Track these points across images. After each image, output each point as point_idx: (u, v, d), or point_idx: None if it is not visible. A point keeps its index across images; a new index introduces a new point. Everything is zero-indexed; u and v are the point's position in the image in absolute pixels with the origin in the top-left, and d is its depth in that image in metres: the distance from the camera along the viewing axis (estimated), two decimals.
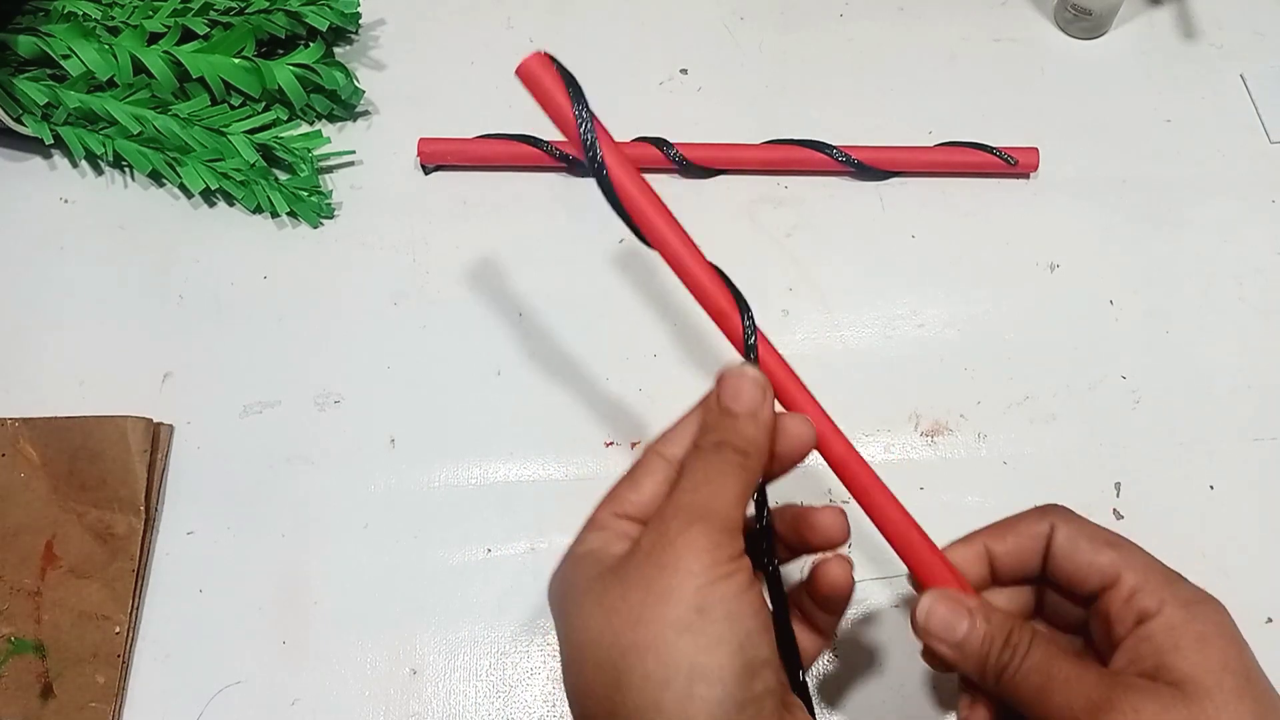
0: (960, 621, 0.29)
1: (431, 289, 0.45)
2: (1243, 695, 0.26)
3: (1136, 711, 0.25)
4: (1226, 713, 0.25)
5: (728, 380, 0.29)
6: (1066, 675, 0.27)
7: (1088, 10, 0.49)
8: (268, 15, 0.45)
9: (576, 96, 0.29)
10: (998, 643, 0.28)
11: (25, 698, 0.37)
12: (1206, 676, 0.26)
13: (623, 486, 0.29)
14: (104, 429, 0.40)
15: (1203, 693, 0.26)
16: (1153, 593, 0.28)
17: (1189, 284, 0.44)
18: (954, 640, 0.29)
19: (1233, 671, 0.26)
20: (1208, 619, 0.27)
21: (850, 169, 0.46)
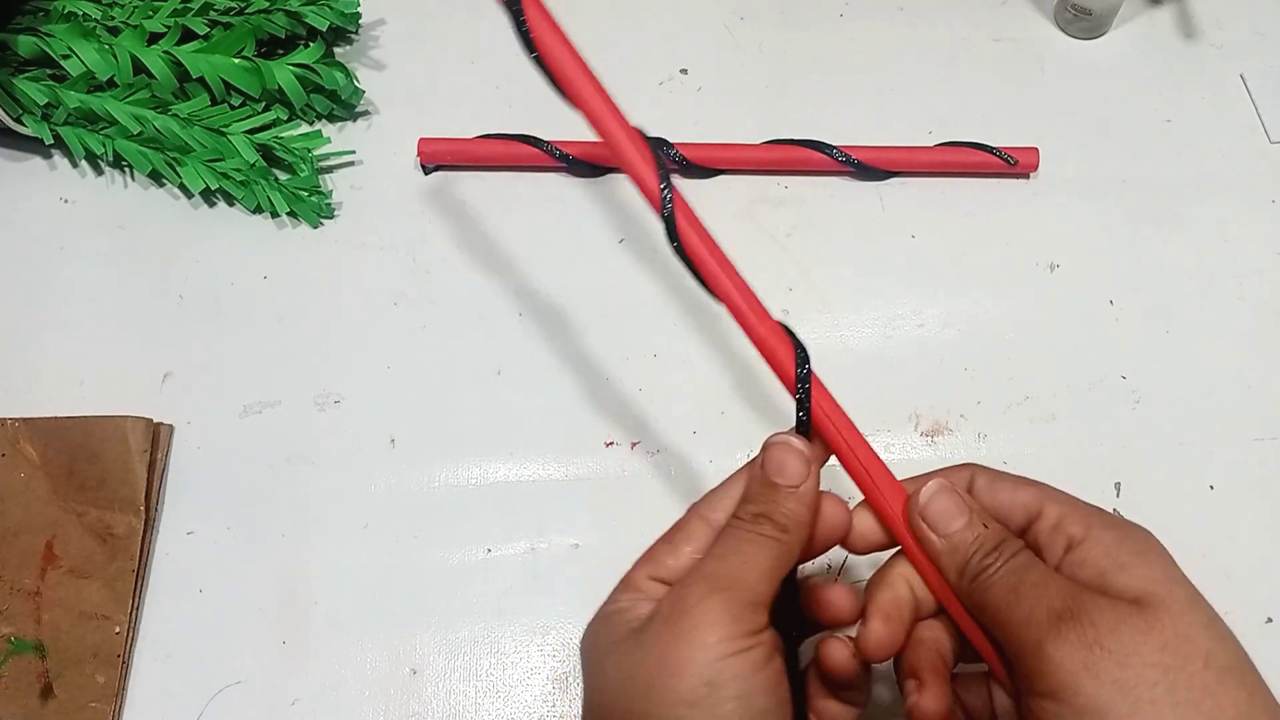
0: (958, 517, 0.28)
1: (431, 289, 0.45)
2: (1193, 605, 0.26)
3: (1094, 623, 0.25)
4: (1182, 621, 0.25)
5: (773, 451, 0.28)
6: (1035, 580, 0.26)
7: (1088, 10, 0.49)
8: (268, 15, 0.45)
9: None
10: (988, 545, 0.28)
11: (25, 698, 0.37)
12: (1157, 587, 0.26)
13: (660, 548, 0.29)
14: (104, 429, 0.40)
15: (1157, 603, 0.25)
16: (1077, 520, 0.28)
17: (1189, 284, 0.44)
18: (946, 531, 0.28)
19: (1179, 583, 0.26)
20: (1140, 538, 0.27)
21: (850, 169, 0.46)
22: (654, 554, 0.29)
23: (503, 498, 0.41)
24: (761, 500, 0.28)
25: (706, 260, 0.29)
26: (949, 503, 0.28)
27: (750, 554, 0.27)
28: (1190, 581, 0.27)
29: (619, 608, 0.28)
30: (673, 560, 0.28)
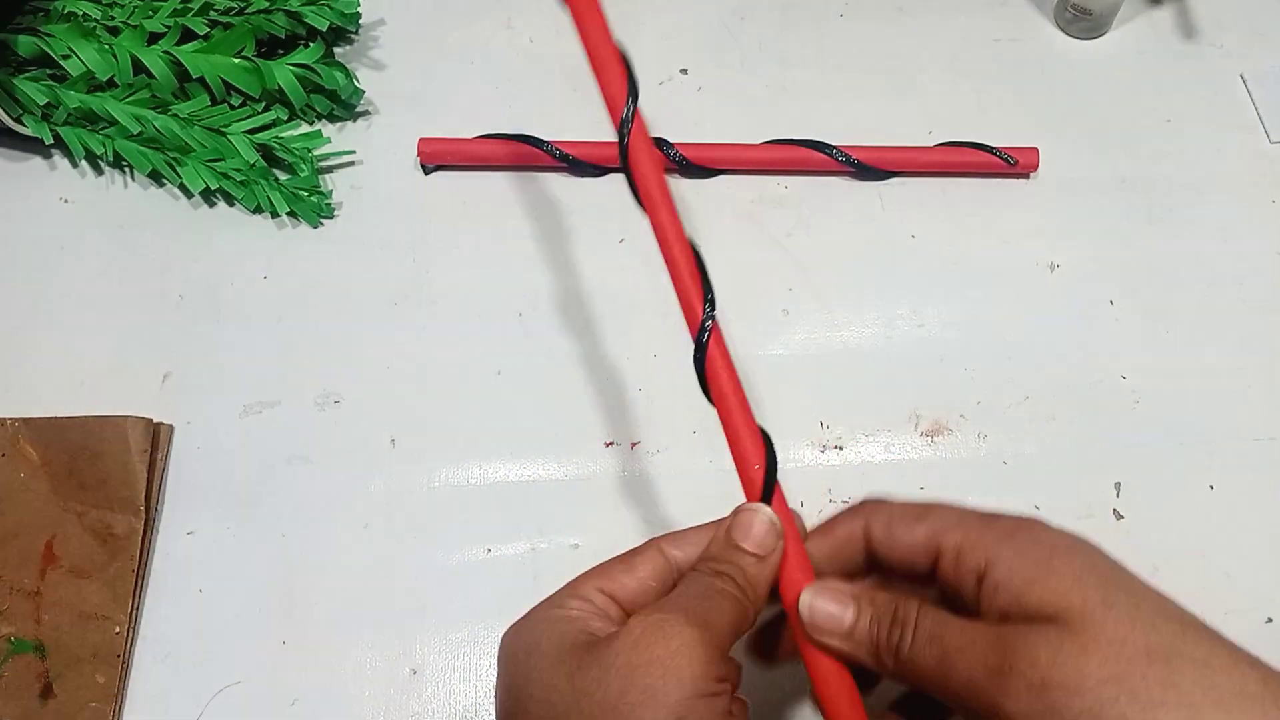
0: (845, 610, 0.28)
1: (431, 289, 0.45)
2: (1109, 603, 0.25)
3: (1034, 664, 0.25)
4: (1108, 625, 0.25)
5: (742, 515, 0.28)
6: (959, 643, 0.26)
7: (1088, 10, 0.49)
8: (268, 15, 0.45)
9: None
10: (885, 622, 0.27)
11: (25, 698, 0.37)
12: (1069, 599, 0.25)
13: (615, 565, 0.28)
14: (104, 429, 0.40)
15: (1076, 616, 0.25)
16: (974, 546, 0.27)
17: (1189, 284, 0.44)
18: (843, 630, 0.28)
19: (1088, 584, 0.26)
20: (1036, 542, 0.27)
21: (850, 169, 0.46)
22: (608, 569, 0.28)
23: (503, 498, 0.41)
24: (724, 559, 0.28)
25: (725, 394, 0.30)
26: (829, 602, 0.28)
27: (720, 603, 0.26)
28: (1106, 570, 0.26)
29: (568, 614, 0.27)
30: (628, 579, 0.28)
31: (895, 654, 0.27)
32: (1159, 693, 0.24)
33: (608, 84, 0.30)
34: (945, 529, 0.28)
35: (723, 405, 0.30)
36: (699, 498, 0.40)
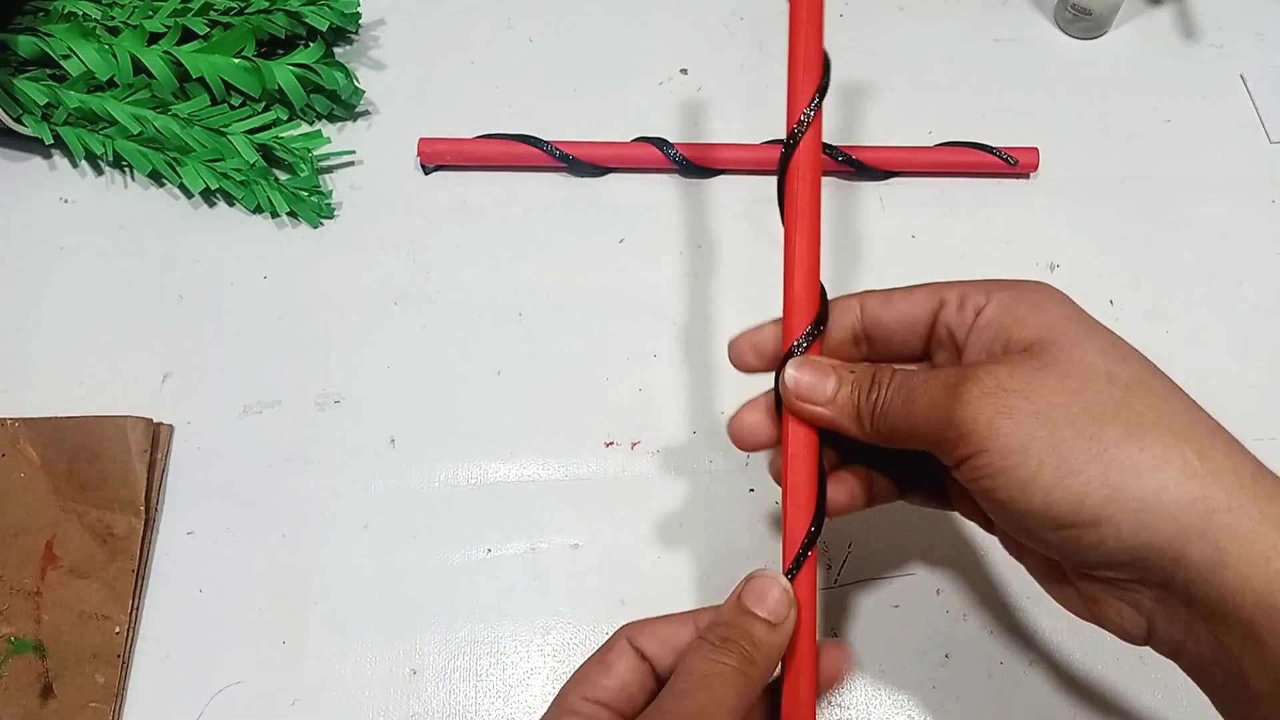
0: (827, 380, 0.28)
1: (431, 289, 0.45)
2: (1088, 336, 0.26)
3: (991, 374, 0.25)
4: (1077, 350, 0.25)
5: (756, 581, 0.28)
6: (923, 379, 0.27)
7: (1088, 10, 0.49)
8: (268, 15, 0.45)
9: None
10: (864, 386, 0.28)
11: (25, 698, 0.37)
12: (1050, 331, 0.26)
13: (591, 668, 0.28)
14: (104, 429, 0.40)
15: (1049, 344, 0.26)
16: (978, 290, 0.28)
17: (1189, 284, 0.44)
18: (826, 398, 0.28)
19: (1074, 320, 0.26)
20: (1038, 290, 0.27)
21: (850, 169, 0.46)
22: (585, 675, 0.28)
23: (503, 498, 0.41)
24: (733, 626, 0.27)
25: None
26: (811, 374, 0.28)
27: (718, 688, 0.26)
28: (1089, 319, 0.27)
29: None
30: (606, 680, 0.28)
31: (872, 412, 0.27)
32: (1111, 408, 0.24)
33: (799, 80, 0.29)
34: (947, 286, 0.29)
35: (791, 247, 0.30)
36: (699, 498, 0.41)
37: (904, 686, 0.37)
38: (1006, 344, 0.27)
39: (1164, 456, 0.24)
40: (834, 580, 0.39)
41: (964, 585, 0.39)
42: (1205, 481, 0.24)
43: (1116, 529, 0.24)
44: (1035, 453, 0.24)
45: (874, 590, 0.39)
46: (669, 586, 0.39)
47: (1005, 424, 0.24)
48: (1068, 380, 0.25)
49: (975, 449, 0.25)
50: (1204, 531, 0.23)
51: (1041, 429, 0.24)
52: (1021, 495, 0.24)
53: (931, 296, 0.29)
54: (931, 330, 0.29)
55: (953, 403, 0.25)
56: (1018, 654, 0.38)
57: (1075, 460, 0.24)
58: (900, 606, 0.39)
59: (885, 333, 0.30)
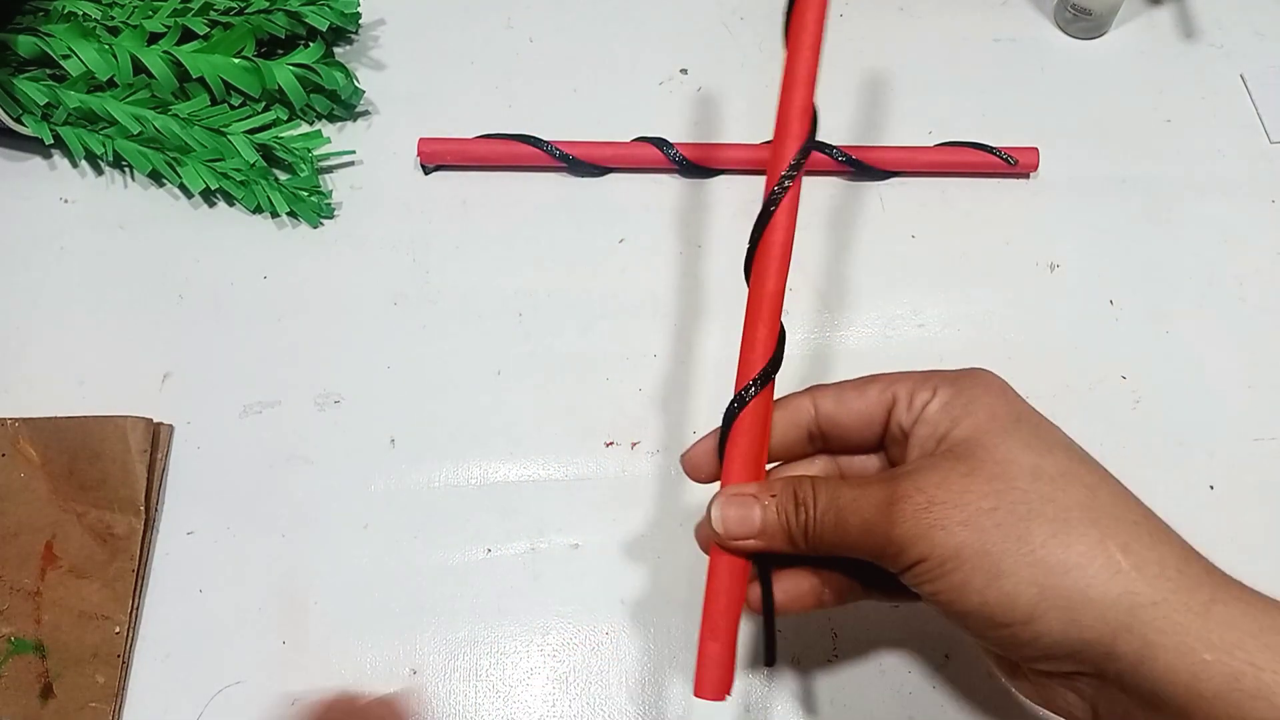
0: (752, 510, 0.28)
1: (431, 289, 0.45)
2: (1011, 432, 0.26)
3: (920, 490, 0.26)
4: (1000, 450, 0.26)
5: None
6: (852, 496, 0.27)
7: (1088, 10, 0.49)
8: (268, 15, 0.45)
9: None
10: (790, 508, 0.28)
11: (25, 698, 0.37)
12: (977, 431, 0.27)
13: None
14: (104, 429, 0.40)
15: (975, 445, 0.26)
16: (925, 384, 0.28)
17: (1189, 284, 0.44)
18: (755, 529, 0.28)
19: (1001, 415, 0.27)
20: (976, 383, 0.28)
21: (850, 169, 0.46)
22: None
23: (503, 498, 0.41)
24: None
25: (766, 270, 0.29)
26: (736, 508, 0.29)
27: None
28: (1018, 409, 0.27)
29: None
30: None
31: (805, 533, 0.28)
32: (1037, 505, 0.25)
33: (787, 134, 0.29)
34: (898, 379, 0.29)
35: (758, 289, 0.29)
36: (699, 498, 0.40)
37: (904, 686, 0.37)
38: (940, 441, 0.27)
39: (1088, 554, 0.24)
40: None
41: None
42: (1129, 577, 0.24)
43: (1048, 626, 0.25)
44: (967, 558, 0.25)
45: None
46: (669, 586, 0.39)
47: (938, 535, 0.25)
48: (993, 483, 0.26)
49: (913, 562, 0.26)
50: (1130, 626, 0.24)
51: (972, 536, 0.25)
52: (959, 598, 0.25)
53: (884, 393, 0.29)
54: (886, 427, 0.29)
55: (887, 523, 0.26)
56: None
57: (1004, 562, 0.25)
58: (900, 606, 0.39)
59: (841, 431, 0.30)
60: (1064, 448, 0.27)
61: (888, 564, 0.27)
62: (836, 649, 0.38)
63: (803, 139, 0.29)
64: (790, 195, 0.29)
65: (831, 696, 0.37)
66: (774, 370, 0.29)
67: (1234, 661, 0.23)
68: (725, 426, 0.30)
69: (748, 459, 0.29)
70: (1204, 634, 0.24)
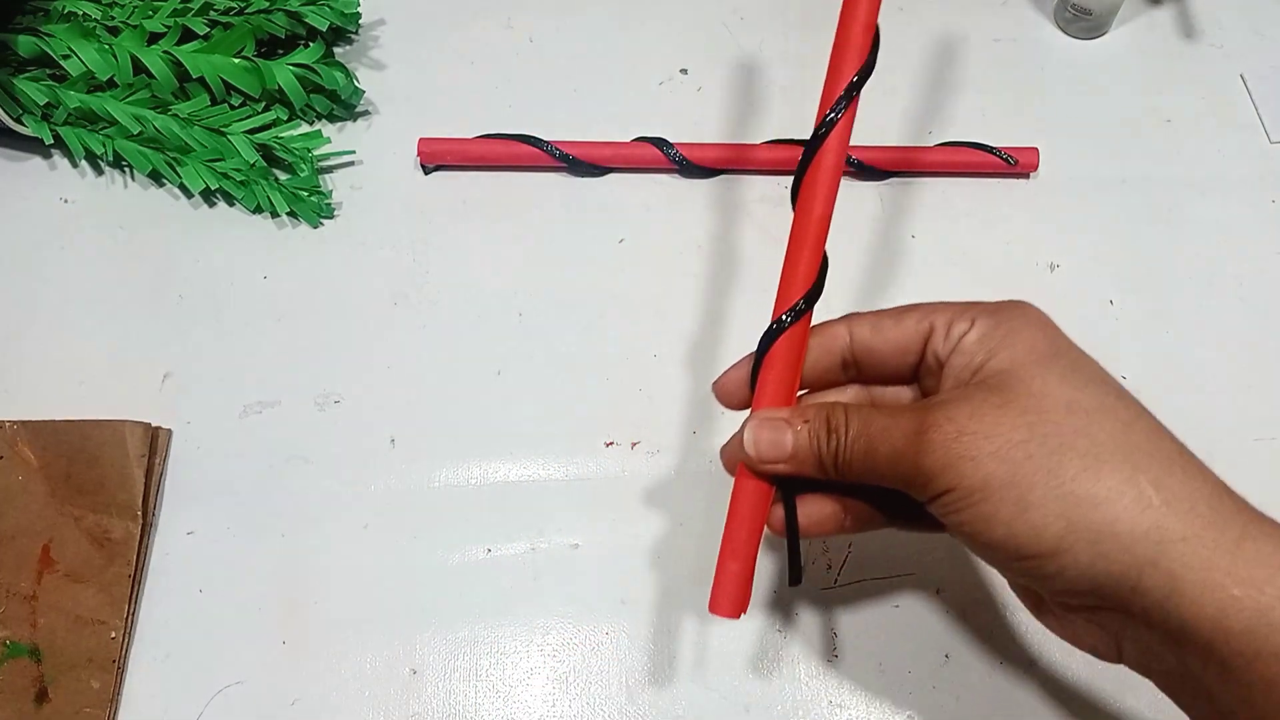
0: (783, 435, 0.28)
1: (431, 289, 0.45)
2: (1048, 365, 0.26)
3: (951, 419, 0.26)
4: (1036, 382, 0.26)
5: None
6: (883, 424, 0.27)
7: (1088, 10, 0.49)
8: (268, 15, 0.45)
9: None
10: (822, 434, 0.28)
11: (20, 702, 0.37)
12: (1014, 363, 0.26)
13: None
14: (102, 433, 0.40)
15: (1012, 377, 0.26)
16: (964, 315, 0.28)
17: (1189, 284, 0.44)
18: (786, 453, 0.28)
19: (1040, 347, 0.27)
20: (1016, 315, 0.28)
21: (850, 169, 0.46)
22: None
23: (503, 498, 0.41)
24: None
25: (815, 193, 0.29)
26: (769, 433, 0.29)
27: None
28: (1057, 343, 0.27)
29: None
30: None
31: (835, 460, 0.28)
32: (1070, 439, 0.25)
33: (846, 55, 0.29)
34: (936, 309, 0.29)
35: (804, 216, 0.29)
36: (699, 498, 0.40)
37: (904, 686, 0.37)
38: (975, 372, 0.27)
39: (1119, 488, 0.24)
40: (834, 580, 0.39)
41: (964, 585, 0.39)
42: (1160, 512, 0.24)
43: (1075, 559, 0.25)
44: (995, 489, 0.25)
45: (874, 590, 0.39)
46: (669, 586, 0.39)
47: (967, 466, 0.25)
48: (1026, 416, 0.25)
49: (941, 492, 0.26)
50: (1157, 561, 0.24)
51: (1000, 467, 0.25)
52: (985, 529, 0.25)
53: (921, 322, 0.29)
54: (921, 357, 0.29)
55: (917, 452, 0.26)
56: (1018, 654, 0.38)
57: (1033, 494, 0.25)
58: (900, 606, 0.39)
59: (875, 359, 0.30)
60: (1101, 382, 0.26)
61: (915, 493, 0.27)
62: (836, 649, 0.38)
63: (862, 60, 0.29)
64: (844, 121, 0.28)
65: (831, 697, 0.37)
66: (815, 298, 0.29)
67: (1263, 596, 0.23)
68: (760, 352, 0.29)
69: (780, 385, 0.29)
70: (1233, 569, 0.23)
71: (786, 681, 0.38)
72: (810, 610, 0.39)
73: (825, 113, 0.28)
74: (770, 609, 0.39)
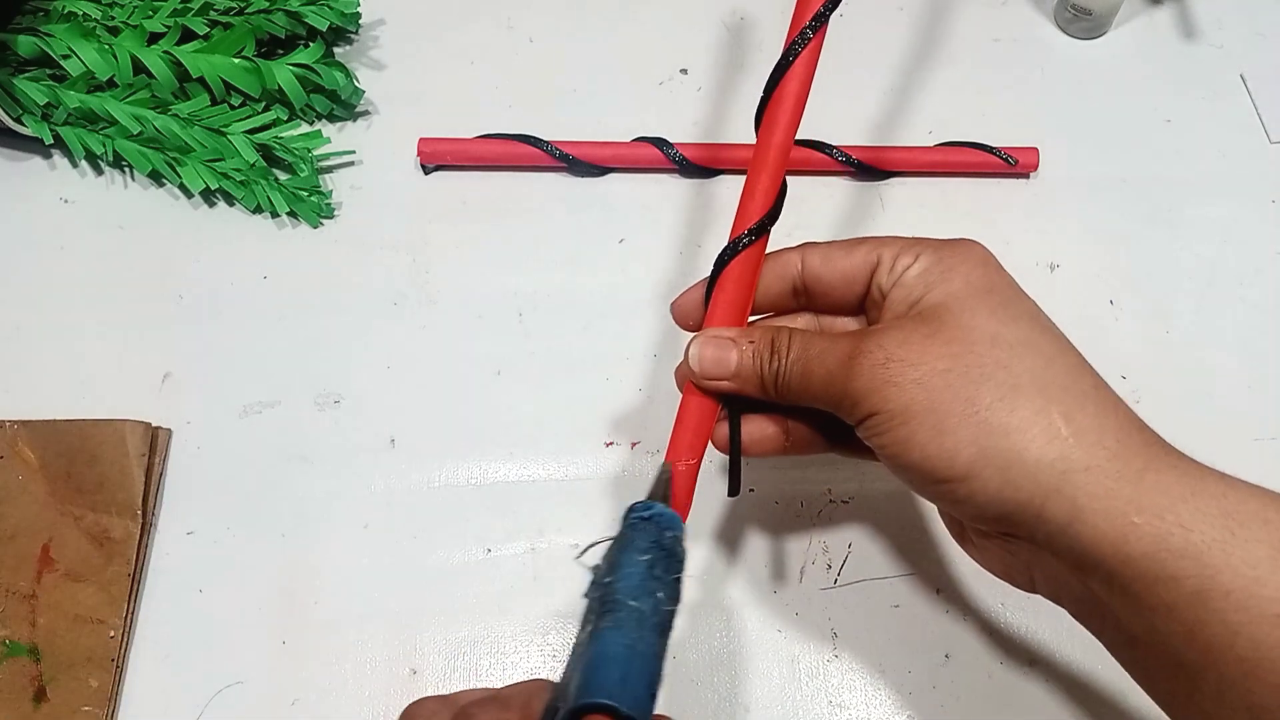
0: (728, 352, 0.29)
1: (431, 289, 0.45)
2: (979, 299, 0.27)
3: (881, 347, 0.27)
4: (965, 315, 0.27)
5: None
6: (820, 349, 0.28)
7: (1088, 10, 0.49)
8: (268, 15, 0.45)
9: None
10: (765, 355, 0.29)
11: (18, 701, 0.37)
12: (949, 297, 0.27)
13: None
14: (102, 432, 0.40)
15: (944, 310, 0.27)
16: (910, 249, 0.29)
17: (1189, 284, 0.44)
18: (729, 371, 0.29)
19: (973, 285, 0.28)
20: (959, 253, 0.28)
21: (850, 169, 0.46)
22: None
23: (503, 498, 0.41)
24: None
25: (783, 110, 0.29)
26: (713, 349, 0.30)
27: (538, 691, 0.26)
28: (996, 280, 0.28)
29: None
30: None
31: (775, 380, 0.29)
32: (990, 370, 0.26)
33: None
34: (885, 243, 0.29)
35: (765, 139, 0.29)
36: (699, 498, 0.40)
37: (904, 686, 0.37)
38: (912, 306, 0.28)
39: (1030, 419, 0.25)
40: (834, 580, 0.39)
41: (964, 585, 0.39)
42: (1067, 444, 0.25)
43: (984, 485, 0.26)
44: (914, 414, 0.26)
45: (874, 590, 0.39)
46: None
47: (891, 391, 0.26)
48: (951, 346, 0.26)
49: (866, 415, 0.27)
50: (1060, 489, 0.25)
51: (921, 393, 0.26)
52: (903, 451, 0.27)
53: (870, 255, 0.30)
54: (868, 289, 0.30)
55: (846, 375, 0.27)
56: (1018, 654, 0.38)
57: (949, 421, 0.26)
58: (900, 606, 0.39)
59: (824, 288, 0.31)
60: (1030, 318, 0.28)
61: (844, 415, 0.28)
62: (836, 649, 0.38)
63: None
64: (811, 47, 0.29)
65: (831, 697, 0.37)
66: (771, 221, 0.30)
67: (1163, 524, 0.24)
68: (715, 272, 0.30)
69: (732, 306, 0.30)
70: (1135, 498, 0.25)
71: (786, 681, 0.38)
72: (810, 610, 0.39)
73: (793, 39, 0.29)
74: (770, 609, 0.39)
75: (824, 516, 0.40)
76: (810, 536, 0.40)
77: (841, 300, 0.31)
